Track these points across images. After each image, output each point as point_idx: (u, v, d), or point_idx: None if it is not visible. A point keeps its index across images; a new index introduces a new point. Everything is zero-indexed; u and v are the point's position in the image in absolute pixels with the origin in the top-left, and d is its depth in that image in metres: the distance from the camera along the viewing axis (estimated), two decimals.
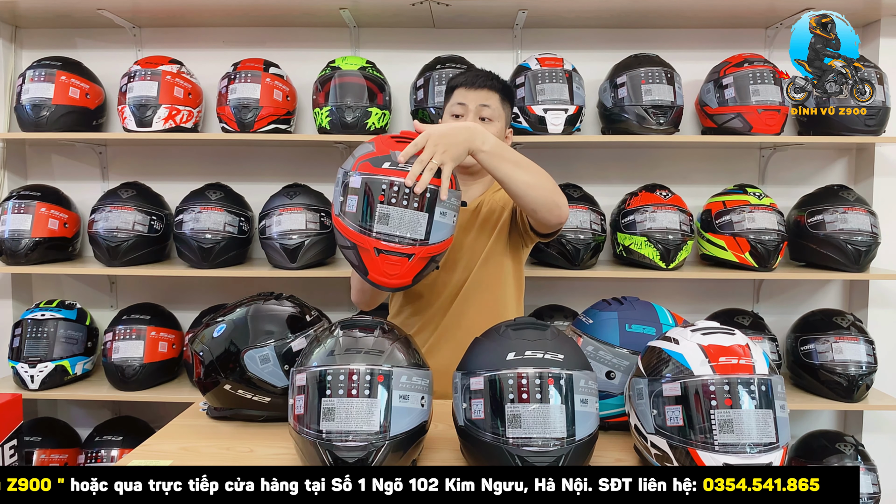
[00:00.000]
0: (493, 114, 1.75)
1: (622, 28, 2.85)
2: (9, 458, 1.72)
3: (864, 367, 2.51)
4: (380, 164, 1.35)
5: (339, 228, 1.39)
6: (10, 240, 2.58)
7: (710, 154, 2.92)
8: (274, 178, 2.83)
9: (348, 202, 1.36)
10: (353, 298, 1.78)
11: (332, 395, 1.19)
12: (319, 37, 2.90)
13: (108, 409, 2.99)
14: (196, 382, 1.56)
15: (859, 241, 2.51)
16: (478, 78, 1.77)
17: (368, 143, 1.42)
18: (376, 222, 1.33)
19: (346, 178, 1.37)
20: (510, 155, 1.48)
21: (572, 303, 2.79)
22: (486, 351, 1.28)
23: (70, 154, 2.98)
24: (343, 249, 1.43)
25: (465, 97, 1.75)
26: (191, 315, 2.81)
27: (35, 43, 2.95)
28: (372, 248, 1.35)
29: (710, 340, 1.24)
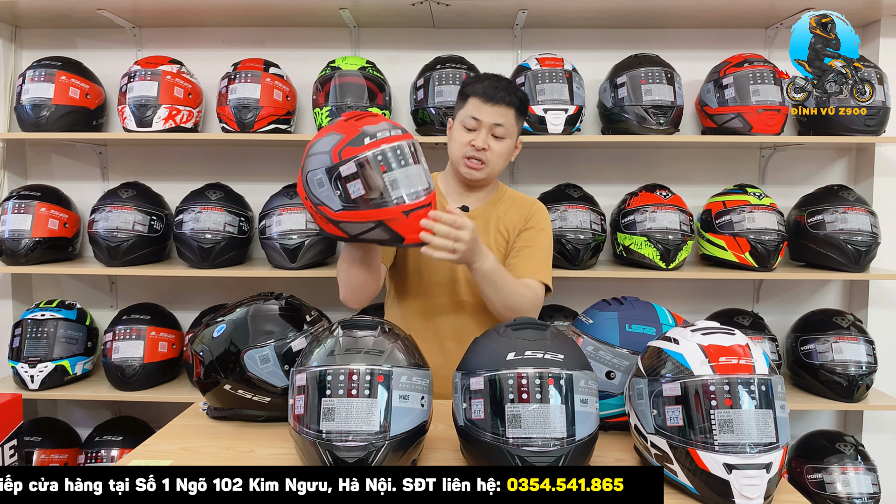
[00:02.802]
0: (506, 131, 1.73)
1: (622, 28, 2.85)
2: (9, 458, 1.72)
3: (864, 367, 2.51)
4: (362, 142, 1.39)
5: (354, 217, 1.40)
6: (10, 240, 2.58)
7: (710, 154, 2.92)
8: (274, 178, 2.84)
9: (351, 189, 1.38)
10: (343, 296, 1.72)
11: (332, 395, 1.19)
12: (319, 37, 2.90)
13: (108, 409, 2.99)
14: (196, 382, 1.56)
15: (859, 241, 2.51)
16: (497, 91, 1.70)
17: (328, 137, 1.42)
18: (391, 190, 1.39)
19: (332, 172, 1.38)
20: (497, 278, 1.63)
21: (572, 303, 2.79)
22: (486, 351, 1.28)
23: (70, 154, 2.98)
24: (364, 236, 1.44)
25: (481, 112, 1.70)
26: (191, 315, 2.81)
27: (35, 43, 2.95)
28: (399, 214, 1.40)
29: (710, 340, 1.24)
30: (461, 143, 1.73)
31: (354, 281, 1.66)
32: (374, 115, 1.48)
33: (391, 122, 1.47)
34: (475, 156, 1.72)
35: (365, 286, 1.67)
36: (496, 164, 1.75)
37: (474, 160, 1.73)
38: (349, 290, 1.69)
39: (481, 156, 1.72)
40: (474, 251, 1.55)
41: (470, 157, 1.73)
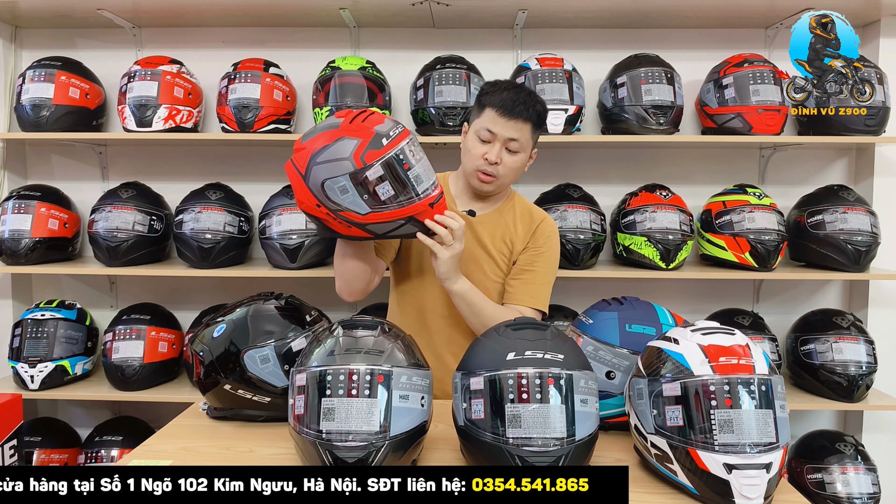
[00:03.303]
0: (521, 146, 1.69)
1: (622, 28, 2.85)
2: (9, 458, 1.72)
3: (864, 367, 2.51)
4: (380, 144, 1.40)
5: (384, 217, 1.44)
6: (10, 240, 2.58)
7: (710, 154, 2.92)
8: (274, 178, 2.84)
9: (380, 192, 1.41)
10: (338, 288, 1.73)
11: (332, 395, 1.19)
12: (319, 37, 2.90)
13: (108, 409, 2.99)
14: (196, 382, 1.56)
15: (859, 241, 2.51)
16: (515, 105, 1.65)
17: (341, 142, 1.40)
18: (416, 185, 1.44)
19: (357, 178, 1.39)
20: (474, 300, 1.69)
21: (572, 303, 2.79)
22: (486, 351, 1.28)
23: (70, 154, 2.98)
24: (394, 232, 1.50)
25: (497, 125, 1.67)
26: (191, 315, 2.81)
27: (35, 43, 2.95)
28: (426, 207, 1.47)
29: (710, 340, 1.24)
30: (475, 156, 1.71)
31: (348, 272, 1.69)
32: (371, 111, 1.48)
33: (391, 118, 1.51)
34: (486, 170, 1.71)
35: (358, 277, 1.70)
36: (507, 178, 1.74)
37: (486, 174, 1.72)
38: (342, 281, 1.72)
39: (493, 170, 1.70)
40: (452, 269, 1.62)
41: (482, 170, 1.71)
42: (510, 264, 1.82)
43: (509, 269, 1.82)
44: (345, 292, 1.73)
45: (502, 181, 1.74)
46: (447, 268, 1.60)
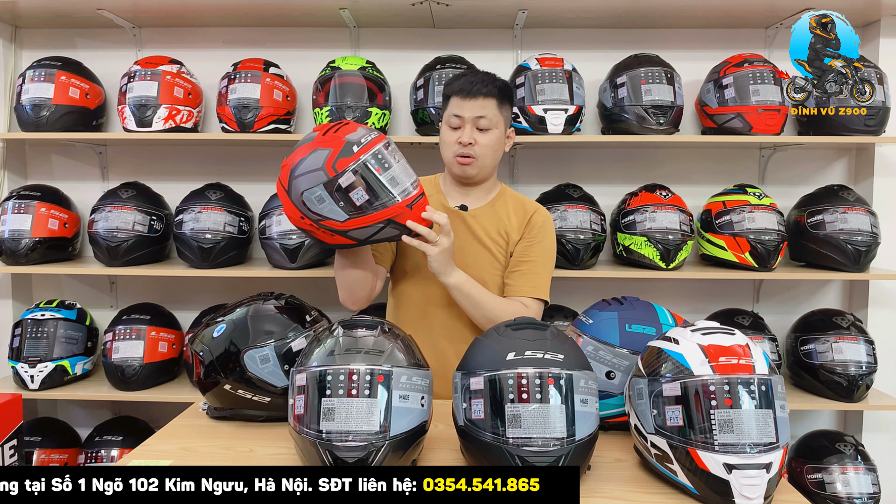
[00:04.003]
0: (490, 122, 1.75)
1: (622, 28, 2.85)
2: (9, 458, 1.72)
3: (864, 367, 2.51)
4: (351, 151, 1.44)
5: (362, 223, 1.46)
6: (10, 240, 2.58)
7: (710, 154, 2.92)
8: (274, 178, 2.76)
9: (354, 197, 1.44)
10: (342, 298, 1.78)
11: (332, 395, 1.19)
12: (319, 37, 2.90)
13: (108, 409, 2.99)
14: (196, 382, 1.56)
15: (859, 241, 2.51)
16: (473, 85, 1.74)
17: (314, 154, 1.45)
18: (391, 187, 1.47)
19: (332, 186, 1.42)
20: (472, 292, 1.71)
21: (572, 303, 2.79)
22: (486, 351, 1.28)
23: (70, 154, 2.98)
24: (375, 237, 1.51)
25: (461, 108, 1.75)
26: (191, 315, 2.81)
27: (35, 43, 2.95)
28: (404, 209, 1.49)
29: (710, 340, 1.24)
30: (449, 143, 1.78)
31: (348, 282, 1.73)
32: (346, 122, 1.53)
33: (366, 126, 1.55)
34: (463, 152, 1.76)
35: (359, 286, 1.73)
36: (486, 157, 1.78)
37: (464, 157, 1.76)
38: (345, 291, 1.76)
39: (469, 151, 1.75)
40: (443, 263, 1.63)
41: (459, 154, 1.77)
42: (507, 256, 1.83)
43: (507, 261, 1.83)
44: (349, 301, 1.77)
45: (482, 161, 1.77)
46: (438, 263, 1.62)
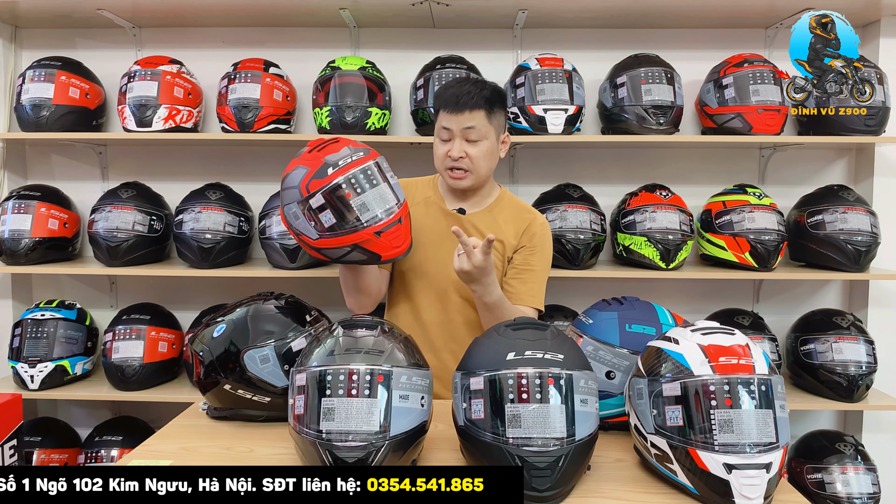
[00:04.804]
0: (480, 133, 1.71)
1: (622, 28, 2.85)
2: (9, 458, 1.72)
3: (863, 367, 2.51)
4: (325, 173, 1.45)
5: (331, 244, 1.49)
6: (10, 240, 2.58)
7: (710, 154, 2.92)
8: (274, 178, 2.81)
9: (323, 219, 1.46)
10: (348, 304, 1.81)
11: (332, 395, 1.19)
12: (319, 37, 2.90)
13: (108, 409, 2.99)
14: (196, 382, 1.56)
15: (859, 241, 2.51)
16: (459, 98, 1.70)
17: (296, 170, 1.49)
18: (360, 214, 1.47)
19: (304, 205, 1.46)
20: (490, 300, 1.66)
21: (572, 303, 2.79)
22: (486, 351, 1.28)
23: (70, 154, 2.98)
24: (344, 258, 1.53)
25: (450, 122, 1.72)
26: (191, 315, 2.81)
27: (35, 43, 2.95)
28: (371, 236, 1.48)
29: (709, 340, 1.24)
30: (440, 156, 1.76)
31: (353, 289, 1.75)
32: (336, 140, 1.53)
33: (353, 145, 1.53)
34: (454, 166, 1.74)
35: (362, 292, 1.76)
36: (479, 168, 1.75)
37: (456, 170, 1.74)
38: (350, 297, 1.79)
39: (461, 164, 1.73)
40: (477, 278, 1.60)
41: (451, 167, 1.75)
42: (504, 261, 1.83)
43: (503, 266, 1.83)
44: (355, 307, 1.80)
45: (477, 173, 1.75)
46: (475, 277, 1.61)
